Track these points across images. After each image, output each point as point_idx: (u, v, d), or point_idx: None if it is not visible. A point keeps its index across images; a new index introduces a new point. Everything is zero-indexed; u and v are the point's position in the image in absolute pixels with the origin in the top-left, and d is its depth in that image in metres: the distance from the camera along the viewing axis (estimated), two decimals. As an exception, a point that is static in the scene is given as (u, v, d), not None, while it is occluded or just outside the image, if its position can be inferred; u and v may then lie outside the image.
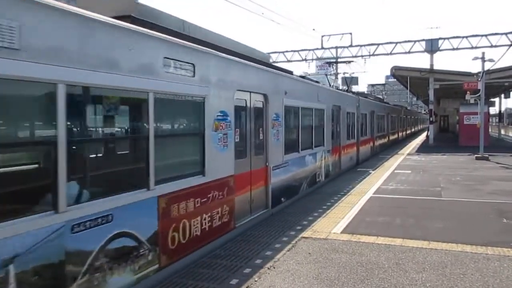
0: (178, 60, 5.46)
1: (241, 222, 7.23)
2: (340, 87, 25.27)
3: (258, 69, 8.09)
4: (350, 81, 26.46)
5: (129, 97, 4.90)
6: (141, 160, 4.97)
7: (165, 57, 5.18)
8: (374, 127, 22.43)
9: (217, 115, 6.30)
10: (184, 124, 6.26)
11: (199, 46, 6.01)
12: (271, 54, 36.28)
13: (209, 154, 6.10)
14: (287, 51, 35.83)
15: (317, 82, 13.43)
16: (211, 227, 6.18)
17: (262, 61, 8.85)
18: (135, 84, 4.67)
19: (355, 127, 17.47)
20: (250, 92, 7.61)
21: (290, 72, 10.73)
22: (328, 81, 20.27)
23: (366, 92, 43.30)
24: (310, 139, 11.34)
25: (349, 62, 30.41)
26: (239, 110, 7.26)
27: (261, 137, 8.19)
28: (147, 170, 4.90)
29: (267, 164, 8.32)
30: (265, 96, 8.24)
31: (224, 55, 6.73)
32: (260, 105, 8.13)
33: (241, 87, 7.18)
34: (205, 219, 6.03)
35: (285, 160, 9.25)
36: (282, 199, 9.16)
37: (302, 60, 35.59)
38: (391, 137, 30.50)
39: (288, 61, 35.50)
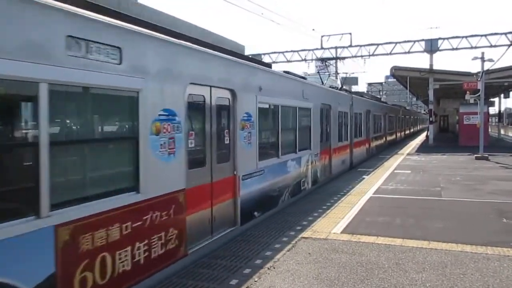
0: (93, 41, 4.14)
1: (196, 247, 5.95)
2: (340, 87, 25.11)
3: (222, 59, 6.74)
4: (345, 79, 26.09)
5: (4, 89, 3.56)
6: (26, 176, 3.70)
7: (70, 36, 3.86)
8: (370, 128, 21.39)
9: (160, 115, 5.03)
10: (106, 126, 4.80)
11: (130, 25, 4.68)
12: (270, 55, 36.37)
13: (146, 164, 4.80)
14: (286, 51, 35.85)
15: (303, 78, 12.29)
16: (149, 258, 4.88)
17: (230, 50, 7.49)
18: (11, 71, 3.37)
19: (348, 128, 16.44)
20: (211, 86, 6.36)
21: (269, 66, 9.57)
22: (321, 79, 19.71)
23: (365, 92, 43.25)
24: (293, 142, 10.18)
25: (343, 58, 29.97)
26: (195, 109, 6.10)
27: (226, 141, 6.96)
28: (36, 189, 3.57)
29: (235, 173, 7.08)
30: (232, 92, 7.00)
31: (169, 38, 5.37)
32: (225, 102, 6.91)
33: (196, 80, 5.91)
34: (139, 249, 4.69)
35: (260, 167, 8.04)
36: (256, 213, 7.92)
37: (302, 60, 35.61)
38: (389, 138, 29.85)
39: (288, 61, 35.52)
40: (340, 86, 21.54)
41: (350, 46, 33.70)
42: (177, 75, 5.48)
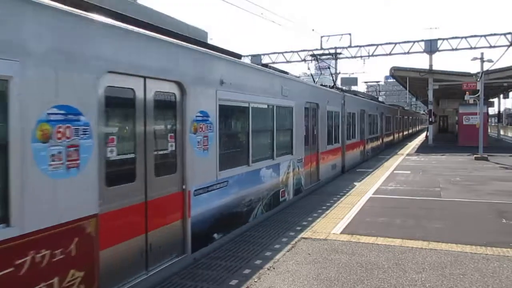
0: None
1: None
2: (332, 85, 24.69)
3: (162, 42, 5.30)
4: (335, 76, 25.25)
5: None
6: None
7: None
8: (365, 129, 19.91)
9: (50, 114, 3.66)
10: None
11: None
12: (270, 55, 36.44)
13: (24, 183, 3.42)
14: (286, 52, 35.95)
15: (285, 72, 10.86)
16: None
17: (179, 33, 6.07)
18: None
19: (340, 129, 15.14)
20: (145, 77, 4.97)
21: (238, 56, 7.92)
22: (312, 76, 18.94)
23: (364, 92, 43.15)
24: (270, 147, 8.84)
25: (338, 54, 29.21)
26: (119, 107, 4.84)
27: (171, 148, 5.57)
28: None
29: (183, 187, 5.67)
30: (179, 85, 5.58)
31: (66, 8, 3.91)
32: (169, 98, 5.51)
33: (119, 68, 4.52)
34: None
35: (222, 178, 6.64)
36: (215, 235, 6.48)
37: (302, 60, 35.69)
38: (386, 140, 28.13)
39: (288, 61, 35.63)
40: (340, 86, 20.98)
41: (350, 46, 33.81)
42: (83, 60, 4.06)
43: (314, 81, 16.85)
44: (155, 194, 5.14)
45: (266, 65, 9.98)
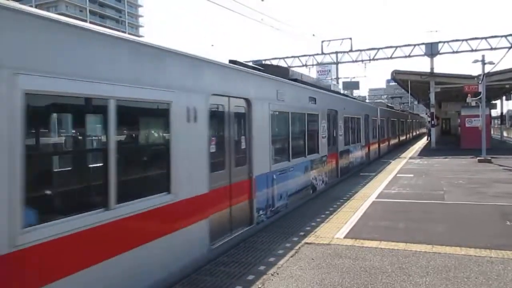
0: None
1: None
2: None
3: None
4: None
5: None
6: None
7: None
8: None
9: None
10: None
11: None
12: (271, 60, 36.58)
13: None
14: (287, 57, 36.10)
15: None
16: None
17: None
18: None
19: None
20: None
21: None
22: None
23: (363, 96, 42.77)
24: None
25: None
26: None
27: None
28: None
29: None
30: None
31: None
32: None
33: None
34: None
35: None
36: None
37: (303, 65, 35.82)
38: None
39: (289, 66, 35.73)
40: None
41: (351, 51, 33.96)
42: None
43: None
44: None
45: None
